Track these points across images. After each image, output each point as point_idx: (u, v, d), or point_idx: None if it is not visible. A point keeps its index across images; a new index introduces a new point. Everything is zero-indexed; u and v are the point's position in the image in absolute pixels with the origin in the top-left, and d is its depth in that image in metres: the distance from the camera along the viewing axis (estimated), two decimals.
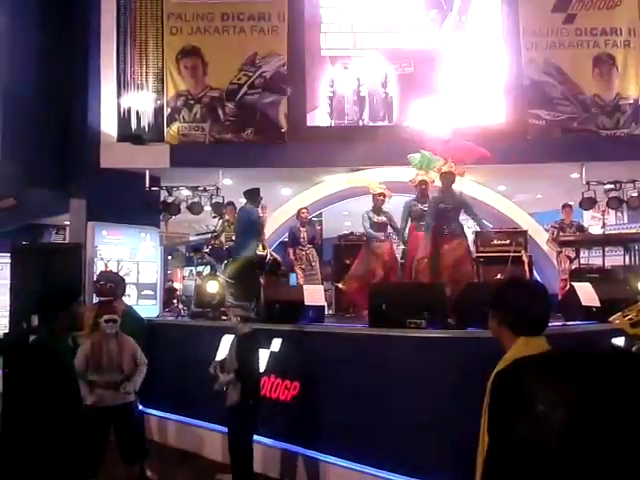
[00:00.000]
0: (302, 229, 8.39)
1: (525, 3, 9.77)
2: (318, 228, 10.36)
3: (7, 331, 7.39)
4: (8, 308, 7.69)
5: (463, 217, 6.71)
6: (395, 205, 7.94)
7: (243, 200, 7.77)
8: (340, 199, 10.40)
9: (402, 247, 7.71)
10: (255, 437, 5.22)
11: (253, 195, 7.19)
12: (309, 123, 9.65)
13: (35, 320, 2.95)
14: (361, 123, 9.73)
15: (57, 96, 9.28)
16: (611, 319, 4.51)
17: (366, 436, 4.43)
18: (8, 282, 7.87)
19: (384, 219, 7.37)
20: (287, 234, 8.78)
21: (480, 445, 1.83)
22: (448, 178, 6.36)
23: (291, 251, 8.40)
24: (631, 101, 9.65)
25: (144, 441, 5.00)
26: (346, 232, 10.16)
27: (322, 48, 9.73)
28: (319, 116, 9.75)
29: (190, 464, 5.72)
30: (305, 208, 8.66)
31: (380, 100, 9.66)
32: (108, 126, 9.50)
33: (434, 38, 9.73)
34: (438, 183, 6.73)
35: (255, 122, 9.62)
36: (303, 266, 8.27)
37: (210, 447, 5.82)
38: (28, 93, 9.11)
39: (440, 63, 9.72)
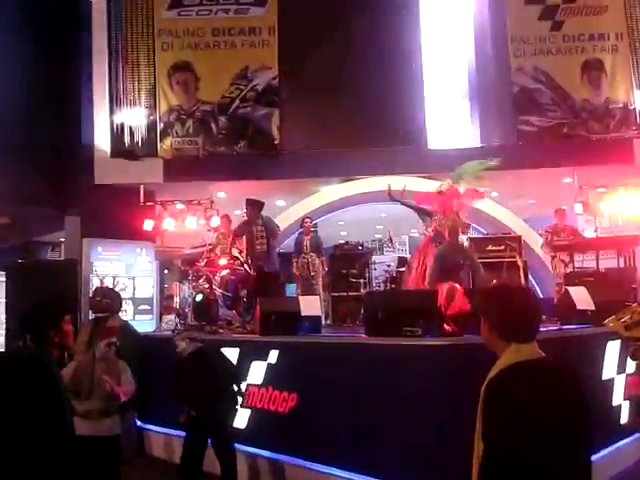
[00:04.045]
0: (306, 237, 8.72)
1: (512, 11, 9.87)
2: None
3: (2, 350, 7.36)
4: (4, 326, 7.67)
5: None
6: (392, 214, 7.97)
7: (237, 212, 7.77)
8: (335, 209, 10.43)
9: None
10: (253, 449, 5.23)
11: None
12: None
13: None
14: None
15: (50, 113, 9.31)
16: (605, 322, 4.53)
17: (366, 446, 4.41)
18: (3, 300, 7.85)
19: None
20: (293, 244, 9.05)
21: (475, 450, 1.83)
22: (453, 231, 6.15)
23: (295, 263, 8.65)
24: (620, 105, 9.72)
25: None
26: (341, 242, 10.19)
27: None
28: None
29: None
30: (309, 218, 9.02)
31: None
32: (101, 142, 9.53)
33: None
34: None
35: (248, 135, 9.68)
36: (304, 274, 8.47)
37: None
38: (21, 111, 9.13)
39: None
